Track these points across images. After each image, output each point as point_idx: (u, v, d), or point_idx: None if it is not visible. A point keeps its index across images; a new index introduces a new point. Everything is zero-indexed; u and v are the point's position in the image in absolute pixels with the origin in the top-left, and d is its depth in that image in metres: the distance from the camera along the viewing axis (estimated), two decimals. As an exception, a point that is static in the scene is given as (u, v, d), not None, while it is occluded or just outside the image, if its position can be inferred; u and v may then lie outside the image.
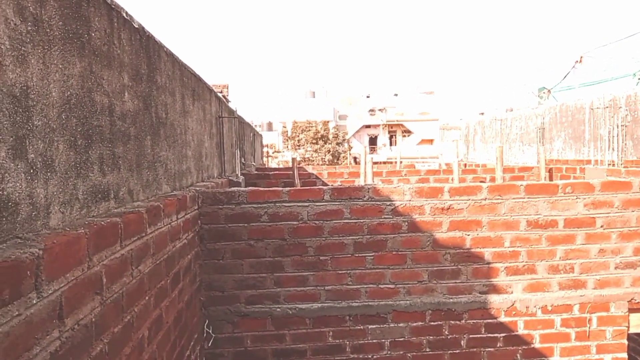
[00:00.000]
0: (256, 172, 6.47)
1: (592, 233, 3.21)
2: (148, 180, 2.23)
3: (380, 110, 43.88)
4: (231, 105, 6.02)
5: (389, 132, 45.22)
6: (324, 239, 3.06)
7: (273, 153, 33.34)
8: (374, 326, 3.14)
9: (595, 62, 10.20)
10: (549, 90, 11.61)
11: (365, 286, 3.14)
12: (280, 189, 3.03)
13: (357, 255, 3.12)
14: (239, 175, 4.68)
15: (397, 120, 43.83)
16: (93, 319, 1.37)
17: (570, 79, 10.38)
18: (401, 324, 3.16)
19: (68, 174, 1.41)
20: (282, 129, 39.20)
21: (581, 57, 9.48)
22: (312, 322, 3.10)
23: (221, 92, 11.41)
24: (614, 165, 5.55)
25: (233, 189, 3.04)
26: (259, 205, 3.00)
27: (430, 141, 41.00)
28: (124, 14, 1.96)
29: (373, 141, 44.64)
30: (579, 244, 3.21)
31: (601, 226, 3.22)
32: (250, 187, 3.23)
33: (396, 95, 45.16)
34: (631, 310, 3.37)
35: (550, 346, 3.26)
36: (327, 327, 3.12)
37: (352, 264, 3.12)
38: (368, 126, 44.32)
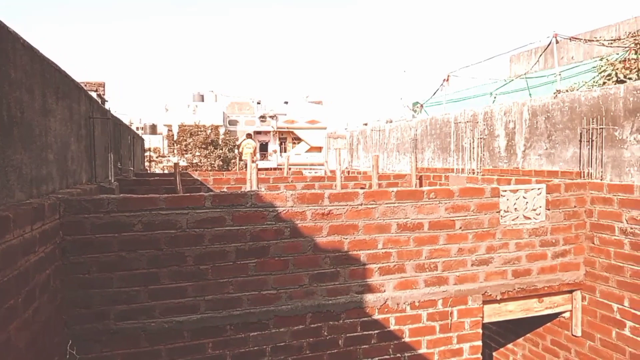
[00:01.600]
0: (135, 177, 6.08)
1: (453, 234, 3.58)
2: (-5, 187, 1.97)
3: (271, 117, 44.12)
4: (110, 105, 5.59)
5: (280, 139, 45.67)
6: (204, 247, 2.98)
7: (157, 158, 31.57)
8: (256, 333, 3.13)
9: (460, 81, 11.44)
10: (421, 105, 12.73)
11: (247, 293, 3.11)
12: (157, 196, 2.89)
13: (239, 262, 3.09)
14: (113, 181, 4.35)
15: (287, 128, 44.45)
16: None
17: (439, 96, 11.50)
18: (282, 329, 3.20)
19: None
20: (168, 132, 37.35)
21: (448, 75, 10.56)
22: (190, 334, 2.99)
23: (96, 90, 10.51)
24: (474, 173, 6.24)
25: (102, 196, 2.82)
26: (132, 214, 2.82)
27: (319, 149, 42.24)
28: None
29: (264, 147, 44.68)
30: (442, 244, 3.55)
31: (460, 228, 3.60)
32: (122, 195, 3.02)
33: (286, 103, 45.81)
34: (485, 302, 3.82)
35: (418, 339, 3.55)
36: (207, 338, 3.03)
37: (234, 271, 3.08)
38: (259, 132, 44.24)
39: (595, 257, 4.00)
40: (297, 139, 45.38)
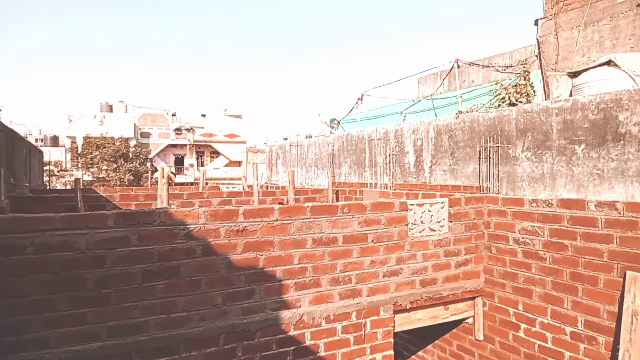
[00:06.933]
0: (31, 194, 5.55)
1: (365, 247, 3.69)
2: None
3: (187, 130, 42.70)
4: (5, 114, 5.06)
5: (197, 152, 44.32)
6: (105, 270, 2.78)
7: (59, 172, 29.11)
8: (164, 359, 2.97)
9: (373, 100, 11.95)
10: (338, 122, 13.10)
11: (155, 317, 2.95)
12: (52, 215, 2.65)
13: (145, 284, 2.92)
14: (3, 198, 3.93)
15: (205, 141, 43.29)
16: None
17: (354, 113, 11.92)
18: (194, 352, 3.06)
19: None
20: (72, 144, 34.64)
21: (362, 94, 11.00)
22: (90, 364, 2.75)
23: (-14, 98, 9.46)
24: (387, 187, 6.51)
25: (-14, 216, 2.53)
26: (24, 235, 2.56)
27: (239, 163, 41.58)
28: None
29: (180, 161, 43.07)
30: (355, 257, 3.64)
31: (372, 240, 3.73)
32: (12, 214, 2.74)
33: (204, 116, 44.67)
34: (396, 312, 3.97)
35: (333, 353, 3.58)
36: (110, 367, 2.81)
37: (140, 294, 2.90)
38: (174, 146, 42.60)
39: (493, 265, 4.34)
40: (216, 153, 44.36)
